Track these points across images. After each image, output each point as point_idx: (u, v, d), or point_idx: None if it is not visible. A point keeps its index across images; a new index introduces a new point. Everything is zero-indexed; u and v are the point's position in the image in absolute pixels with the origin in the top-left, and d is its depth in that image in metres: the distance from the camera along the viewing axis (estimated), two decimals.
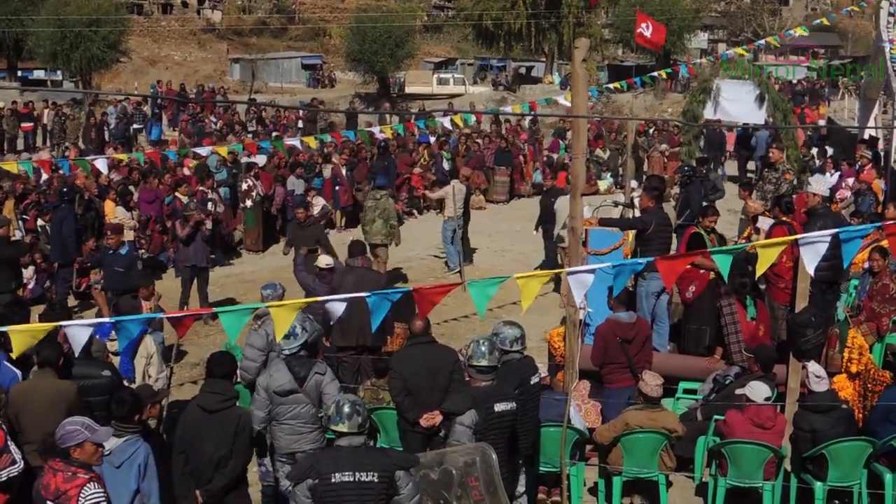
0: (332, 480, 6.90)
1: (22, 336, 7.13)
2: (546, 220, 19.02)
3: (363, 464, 6.99)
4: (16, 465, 8.00)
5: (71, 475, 6.90)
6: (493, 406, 8.31)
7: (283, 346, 9.03)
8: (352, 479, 6.92)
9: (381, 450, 7.62)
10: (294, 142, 21.20)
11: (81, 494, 6.85)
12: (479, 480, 7.63)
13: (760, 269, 8.89)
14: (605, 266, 8.76)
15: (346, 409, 7.17)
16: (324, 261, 13.50)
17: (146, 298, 12.78)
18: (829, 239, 8.53)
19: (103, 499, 6.97)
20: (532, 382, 9.21)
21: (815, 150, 26.34)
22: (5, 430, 8.12)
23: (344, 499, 6.91)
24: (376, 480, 6.96)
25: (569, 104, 21.46)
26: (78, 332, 7.35)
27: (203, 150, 21.42)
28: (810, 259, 8.55)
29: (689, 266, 11.92)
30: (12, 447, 8.05)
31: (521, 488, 9.07)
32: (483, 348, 8.55)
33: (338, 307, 8.23)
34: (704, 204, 15.52)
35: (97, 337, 9.99)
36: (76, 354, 7.58)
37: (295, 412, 8.93)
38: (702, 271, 12.29)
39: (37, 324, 7.46)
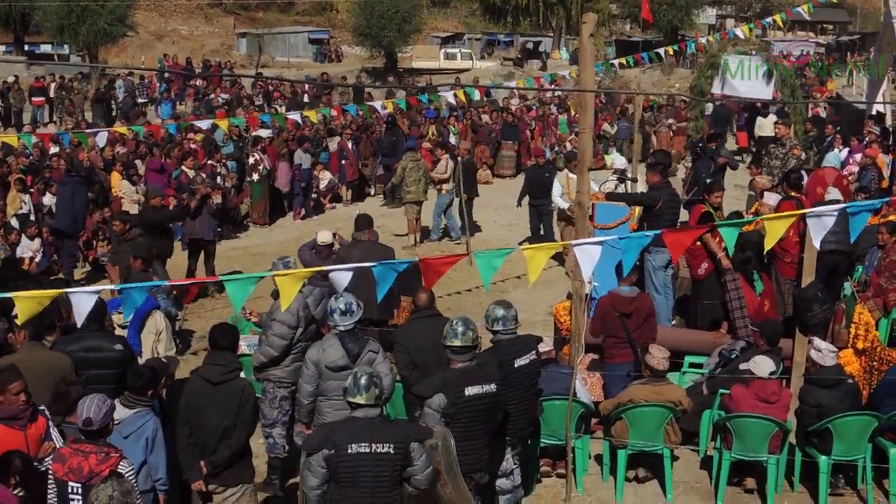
0: (349, 451, 6.91)
1: (28, 303, 7.12)
2: (533, 193, 19.14)
3: (379, 435, 7.00)
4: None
5: (105, 456, 6.95)
6: (464, 390, 7.98)
7: (339, 322, 8.96)
8: (368, 450, 6.93)
9: (396, 421, 7.61)
10: (295, 116, 21.29)
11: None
12: (442, 465, 7.61)
13: (769, 244, 8.88)
14: (611, 239, 8.74)
15: (364, 380, 7.16)
16: (322, 237, 13.41)
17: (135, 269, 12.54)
18: (836, 213, 8.53)
19: (135, 473, 7.03)
20: (517, 365, 8.82)
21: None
22: (48, 416, 8.03)
23: (360, 470, 6.93)
24: (392, 452, 6.98)
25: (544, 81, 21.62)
26: (81, 299, 7.34)
27: (204, 124, 21.45)
28: (817, 233, 8.55)
29: (699, 244, 11.95)
30: (55, 434, 7.89)
31: (507, 465, 8.95)
32: (458, 328, 8.19)
33: (343, 280, 8.22)
34: (709, 181, 15.46)
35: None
36: (78, 323, 7.55)
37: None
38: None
39: (42, 290, 7.42)
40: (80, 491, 6.90)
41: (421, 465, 7.14)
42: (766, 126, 28.08)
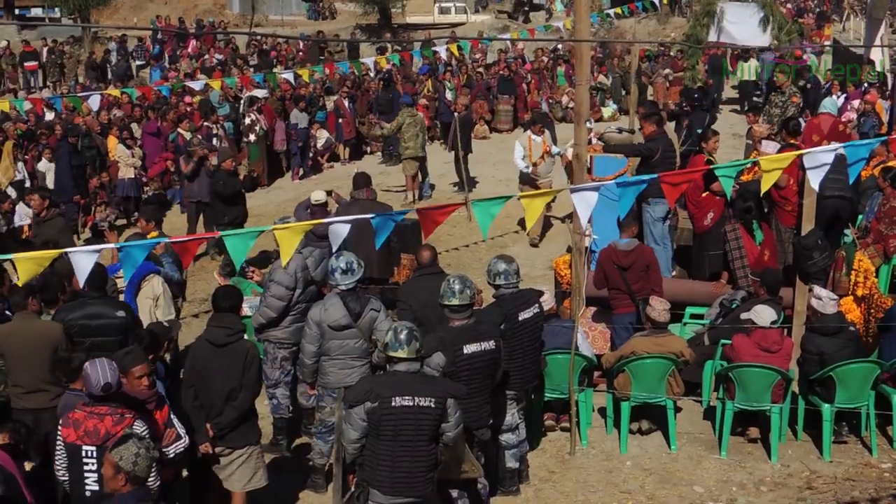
0: (392, 404, 6.95)
1: (28, 263, 7.11)
2: None
3: (420, 389, 7.05)
4: (181, 441, 7.72)
5: (119, 417, 6.95)
6: (462, 348, 8.03)
7: (340, 282, 8.93)
8: (411, 403, 6.98)
9: (433, 377, 7.61)
10: (288, 75, 21.16)
11: None
12: None
13: (765, 187, 8.87)
14: (609, 184, 8.74)
15: (404, 335, 7.19)
16: (315, 196, 13.36)
17: (145, 232, 12.46)
18: (832, 156, 8.51)
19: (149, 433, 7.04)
20: (521, 318, 8.92)
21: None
22: (169, 404, 7.93)
23: (403, 422, 6.98)
24: (433, 406, 7.03)
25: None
26: (82, 259, 7.33)
27: (196, 85, 21.30)
28: (816, 177, 8.53)
29: (705, 194, 11.95)
30: (176, 422, 7.76)
31: (511, 420, 9.01)
32: (455, 286, 8.19)
33: (342, 235, 8.22)
34: (699, 131, 15.39)
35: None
36: (81, 282, 7.54)
37: (347, 347, 8.95)
38: (717, 198, 12.17)
39: (40, 251, 7.40)
40: (94, 454, 6.88)
41: (454, 421, 7.21)
42: (747, 70, 28.04)
